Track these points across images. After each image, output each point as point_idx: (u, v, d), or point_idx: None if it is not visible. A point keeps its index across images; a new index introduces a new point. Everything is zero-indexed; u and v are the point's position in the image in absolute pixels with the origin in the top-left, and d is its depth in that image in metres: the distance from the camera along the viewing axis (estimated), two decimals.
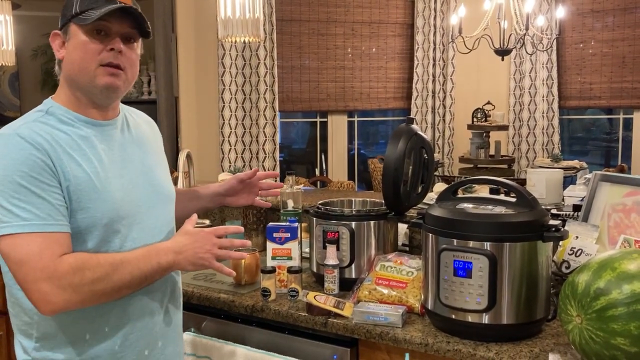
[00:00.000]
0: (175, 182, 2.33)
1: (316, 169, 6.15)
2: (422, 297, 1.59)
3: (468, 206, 1.53)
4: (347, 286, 1.80)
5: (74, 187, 1.22)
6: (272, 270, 1.77)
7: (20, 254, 1.16)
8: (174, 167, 4.28)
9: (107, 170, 1.28)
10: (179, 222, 1.41)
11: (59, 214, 1.19)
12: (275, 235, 1.83)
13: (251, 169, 1.72)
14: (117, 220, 1.27)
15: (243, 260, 1.87)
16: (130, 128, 1.41)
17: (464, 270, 1.43)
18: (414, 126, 1.83)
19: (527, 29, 4.16)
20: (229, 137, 5.22)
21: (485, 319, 1.43)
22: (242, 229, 1.43)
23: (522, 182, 3.21)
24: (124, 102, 1.47)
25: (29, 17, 6.35)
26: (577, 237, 1.68)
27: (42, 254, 1.16)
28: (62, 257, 1.18)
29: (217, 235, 1.33)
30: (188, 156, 2.39)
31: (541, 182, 2.02)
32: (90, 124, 1.31)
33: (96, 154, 1.28)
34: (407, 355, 1.50)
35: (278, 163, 5.40)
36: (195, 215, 1.40)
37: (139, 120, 1.48)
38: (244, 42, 2.50)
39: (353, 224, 1.81)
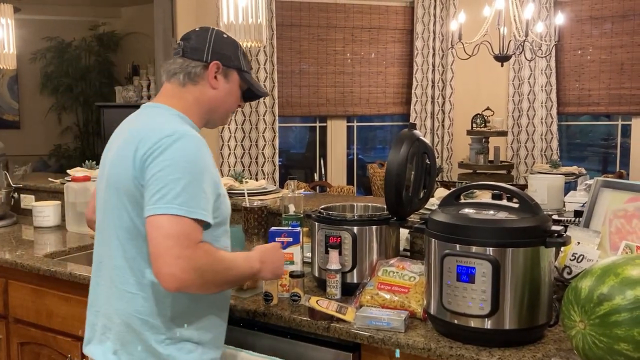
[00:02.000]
0: None
1: (315, 174, 6.15)
2: (425, 302, 1.59)
3: (471, 211, 1.53)
4: (349, 291, 1.80)
5: (220, 193, 1.47)
6: None
7: (173, 231, 1.31)
8: None
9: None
10: None
11: (210, 209, 1.40)
12: (277, 239, 1.83)
13: (250, 174, 1.83)
14: (227, 220, 1.53)
15: None
16: None
17: (466, 276, 1.43)
18: (417, 131, 1.83)
19: (526, 35, 4.18)
20: (228, 141, 5.23)
21: (488, 324, 1.43)
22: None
23: (521, 187, 3.21)
24: (123, 106, 1.56)
25: (29, 20, 6.35)
26: (578, 243, 1.69)
27: (190, 236, 1.33)
28: (201, 242, 1.36)
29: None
30: None
31: (542, 188, 2.02)
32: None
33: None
34: (397, 352, 1.51)
35: (277, 168, 5.41)
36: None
37: None
38: (246, 47, 2.51)
39: (355, 228, 1.81)
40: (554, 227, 1.48)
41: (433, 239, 1.51)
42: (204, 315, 1.49)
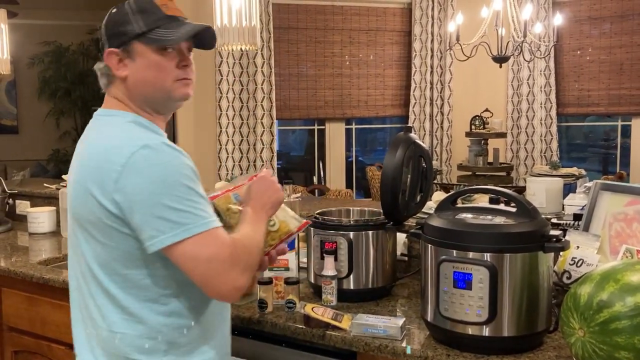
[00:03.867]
0: None
1: (314, 177, 6.13)
2: (421, 308, 1.56)
3: (467, 216, 1.51)
4: (346, 298, 1.78)
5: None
6: (269, 282, 1.74)
7: (209, 250, 1.22)
8: None
9: None
10: None
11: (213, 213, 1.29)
12: None
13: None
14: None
15: None
16: None
17: (463, 282, 1.40)
18: (412, 135, 1.81)
19: (524, 36, 4.15)
20: (226, 145, 5.20)
21: (486, 331, 1.41)
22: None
23: (521, 189, 3.19)
24: None
25: (26, 25, 6.34)
26: (578, 247, 1.66)
27: (223, 245, 1.24)
28: (229, 241, 1.25)
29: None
30: None
31: (541, 191, 2.00)
32: (161, 135, 1.36)
33: None
34: (408, 348, 1.48)
35: (276, 171, 5.38)
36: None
37: None
38: (241, 50, 2.48)
39: (351, 234, 1.78)
40: (552, 232, 1.45)
41: (429, 245, 1.49)
42: (202, 339, 1.36)
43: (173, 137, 5.60)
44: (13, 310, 2.27)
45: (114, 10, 1.34)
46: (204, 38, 1.40)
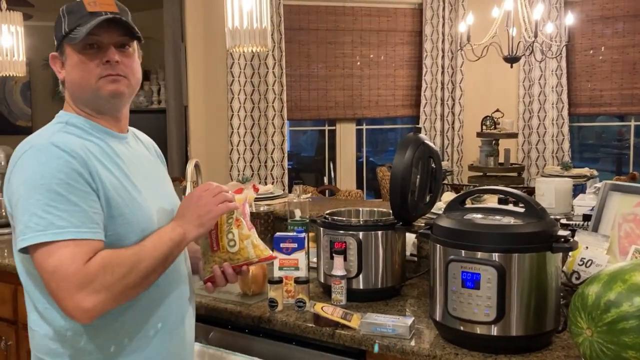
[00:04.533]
0: (183, 191, 2.33)
1: (324, 177, 6.15)
2: (430, 308, 1.57)
3: (476, 217, 1.51)
4: (355, 297, 1.79)
5: (110, 194, 1.24)
6: (279, 281, 1.76)
7: (53, 262, 1.15)
8: (182, 176, 4.28)
9: (135, 177, 1.32)
10: None
11: (93, 221, 1.20)
12: (282, 245, 1.83)
13: (259, 178, 1.73)
14: (150, 227, 1.30)
15: (250, 271, 1.87)
16: (140, 144, 1.48)
17: (472, 282, 1.41)
18: (422, 135, 1.82)
19: (535, 36, 4.14)
20: (237, 145, 5.23)
21: (494, 330, 1.42)
22: (228, 188, 1.39)
23: (532, 190, 3.19)
24: (133, 111, 1.47)
25: (41, 27, 6.41)
26: (587, 248, 1.66)
27: (74, 260, 1.15)
28: (90, 260, 1.16)
29: (212, 193, 1.35)
30: (196, 166, 2.40)
31: (550, 191, 2.00)
32: (109, 135, 1.34)
33: (123, 163, 1.31)
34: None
35: (286, 171, 5.40)
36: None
37: (144, 139, 1.53)
38: (252, 51, 2.51)
39: (360, 234, 1.80)
40: (561, 232, 1.46)
41: (438, 245, 1.50)
42: (117, 340, 1.28)
43: (185, 138, 5.65)
44: None
45: (57, 17, 1.33)
46: (124, 27, 1.32)
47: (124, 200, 1.26)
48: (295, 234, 1.90)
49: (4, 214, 2.93)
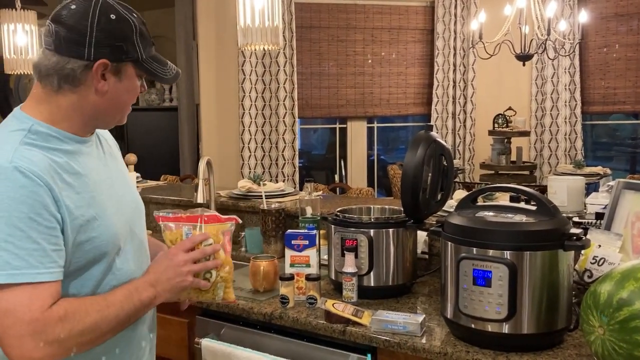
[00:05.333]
0: (195, 189, 2.35)
1: (335, 175, 6.15)
2: (441, 305, 1.57)
3: (487, 214, 1.51)
4: (366, 294, 1.80)
5: (77, 221, 1.15)
6: (291, 278, 1.77)
7: (7, 304, 1.06)
8: (194, 174, 4.31)
9: (100, 192, 1.22)
10: None
11: (52, 260, 1.10)
12: (293, 242, 1.84)
13: (270, 175, 1.73)
14: (117, 243, 1.24)
15: (262, 267, 1.88)
16: (100, 140, 1.34)
17: (483, 279, 1.41)
18: (433, 133, 1.82)
19: (548, 33, 4.11)
20: (248, 143, 5.25)
21: (505, 328, 1.41)
22: (208, 234, 1.32)
23: (544, 189, 3.17)
24: (145, 110, 1.46)
25: None
26: (599, 246, 1.65)
27: (31, 306, 1.07)
28: (50, 308, 1.09)
29: (186, 250, 1.29)
30: (208, 163, 2.41)
31: (562, 189, 1.99)
32: (74, 141, 1.22)
33: (88, 174, 1.21)
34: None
35: (297, 169, 5.41)
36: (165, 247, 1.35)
37: (102, 133, 1.38)
38: (264, 49, 2.51)
39: (371, 231, 1.80)
40: (573, 230, 1.45)
41: (449, 242, 1.50)
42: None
43: (197, 136, 5.68)
44: None
45: (114, 17, 1.18)
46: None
47: (91, 224, 1.17)
48: (306, 231, 1.91)
49: None
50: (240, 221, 1.40)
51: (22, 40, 3.55)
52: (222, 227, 1.35)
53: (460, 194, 2.34)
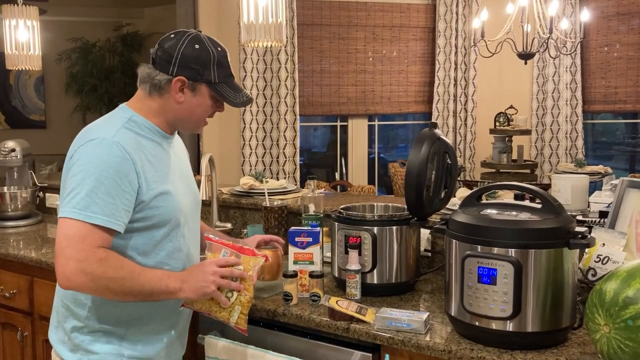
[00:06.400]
0: (197, 185, 2.34)
1: (336, 173, 6.15)
2: (445, 302, 1.57)
3: (492, 212, 1.51)
4: (370, 292, 1.80)
5: (153, 191, 1.48)
6: (294, 275, 1.77)
7: (71, 232, 1.39)
8: (196, 171, 4.28)
9: (173, 175, 1.57)
10: None
11: (118, 216, 1.42)
12: (297, 239, 1.83)
13: (271, 173, 1.85)
14: (179, 218, 1.55)
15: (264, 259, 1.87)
16: (178, 143, 1.71)
17: (488, 277, 1.41)
18: (437, 131, 1.82)
19: (550, 32, 4.11)
20: (249, 140, 5.25)
21: (510, 326, 1.41)
22: (240, 261, 1.56)
23: (545, 187, 3.17)
24: None
25: (55, 22, 6.46)
26: (603, 244, 1.65)
27: (85, 240, 1.38)
28: (97, 248, 1.40)
29: (219, 266, 1.52)
30: (210, 160, 2.41)
31: (567, 188, 1.99)
32: (162, 136, 1.58)
33: (167, 161, 1.56)
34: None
35: (298, 167, 5.41)
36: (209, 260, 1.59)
37: (179, 138, 1.76)
38: (266, 46, 2.51)
39: (375, 229, 1.80)
40: (578, 228, 1.45)
41: (454, 240, 1.50)
42: (128, 311, 1.53)
43: (197, 134, 5.66)
44: (44, 300, 2.34)
45: (198, 47, 1.51)
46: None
47: (161, 196, 1.50)
48: (310, 228, 1.90)
49: (19, 206, 2.96)
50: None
51: (24, 36, 3.53)
52: (255, 260, 1.57)
53: (462, 192, 2.34)
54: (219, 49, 1.56)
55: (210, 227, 1.94)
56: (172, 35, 1.54)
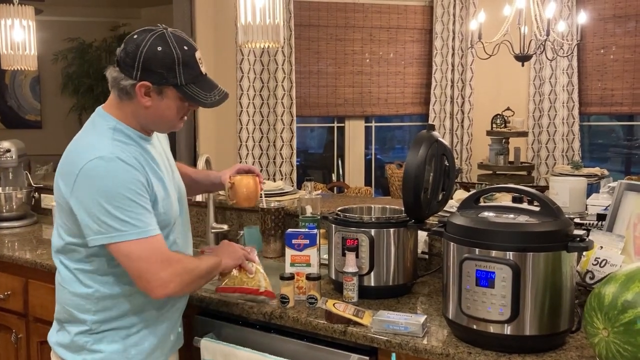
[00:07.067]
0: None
1: (333, 174, 6.14)
2: (442, 306, 1.57)
3: (490, 215, 1.50)
4: (367, 294, 1.79)
5: (157, 198, 1.51)
6: (291, 277, 1.76)
7: (140, 253, 1.43)
8: None
9: (166, 178, 1.58)
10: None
11: (155, 222, 1.48)
12: (294, 241, 1.82)
13: (268, 174, 1.87)
14: (175, 217, 1.60)
15: (240, 179, 1.89)
16: (156, 138, 1.65)
17: (486, 280, 1.40)
18: (435, 133, 1.81)
19: (547, 34, 4.11)
20: (246, 141, 5.23)
21: (508, 329, 1.41)
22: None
23: (542, 189, 3.17)
24: None
25: (51, 22, 6.43)
26: (601, 247, 1.65)
27: (158, 250, 1.45)
28: (166, 254, 1.47)
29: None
30: (207, 161, 2.40)
31: (564, 190, 1.98)
32: (144, 140, 1.56)
33: (157, 165, 1.56)
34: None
35: (295, 168, 5.40)
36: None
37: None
38: (263, 47, 2.50)
39: (372, 231, 1.79)
40: (576, 231, 1.44)
41: (452, 243, 1.49)
42: (133, 312, 1.57)
43: (194, 134, 5.65)
44: (39, 301, 2.32)
45: (160, 49, 1.44)
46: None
47: (164, 201, 1.54)
48: (307, 230, 1.89)
49: (14, 206, 2.94)
50: (274, 296, 1.77)
51: (19, 35, 3.51)
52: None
53: (460, 194, 2.34)
54: (185, 47, 1.47)
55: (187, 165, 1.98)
56: (135, 36, 1.46)
